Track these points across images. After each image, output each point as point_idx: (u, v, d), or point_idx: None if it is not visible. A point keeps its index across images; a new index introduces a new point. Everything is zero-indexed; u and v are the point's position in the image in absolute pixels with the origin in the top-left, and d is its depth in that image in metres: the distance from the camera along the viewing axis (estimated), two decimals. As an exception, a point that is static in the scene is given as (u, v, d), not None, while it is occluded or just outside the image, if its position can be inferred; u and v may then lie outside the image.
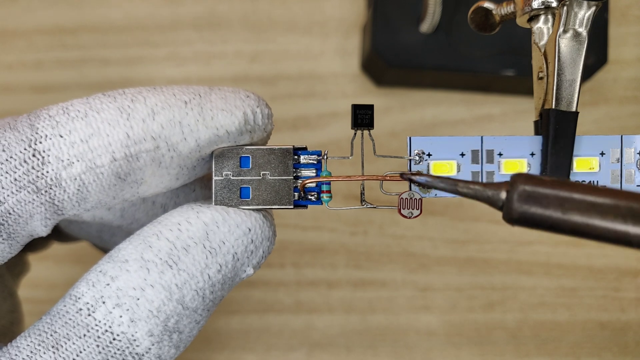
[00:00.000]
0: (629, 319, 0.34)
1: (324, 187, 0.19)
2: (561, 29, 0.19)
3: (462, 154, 0.19)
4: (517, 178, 0.15)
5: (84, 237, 0.23)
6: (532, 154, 0.19)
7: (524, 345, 0.34)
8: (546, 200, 0.14)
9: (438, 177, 0.16)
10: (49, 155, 0.16)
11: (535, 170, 0.19)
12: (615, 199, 0.14)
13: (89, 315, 0.16)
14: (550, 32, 0.19)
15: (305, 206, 0.19)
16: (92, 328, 0.16)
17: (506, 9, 0.21)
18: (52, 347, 0.16)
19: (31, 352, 0.16)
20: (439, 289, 0.34)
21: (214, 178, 0.18)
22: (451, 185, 0.15)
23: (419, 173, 0.16)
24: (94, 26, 0.36)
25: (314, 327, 0.34)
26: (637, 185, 0.19)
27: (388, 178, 0.18)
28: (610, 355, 0.34)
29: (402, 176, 0.17)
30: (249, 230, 0.18)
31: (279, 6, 0.36)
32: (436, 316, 0.34)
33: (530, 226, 0.14)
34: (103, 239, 0.22)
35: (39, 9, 0.36)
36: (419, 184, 0.16)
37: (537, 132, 0.19)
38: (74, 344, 0.16)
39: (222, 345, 0.34)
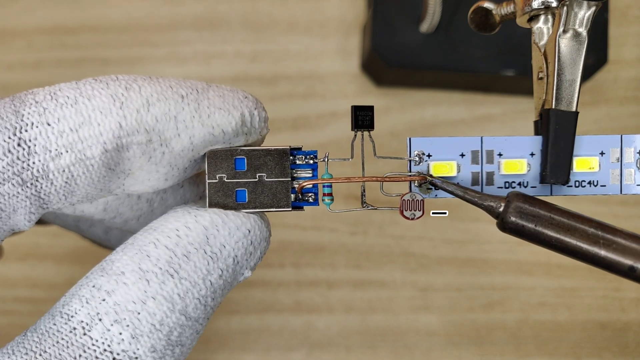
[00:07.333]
0: (630, 319, 0.34)
1: (325, 190, 0.18)
2: (561, 29, 0.19)
3: (462, 155, 0.19)
4: (513, 195, 0.18)
5: (59, 225, 0.22)
6: (532, 154, 0.19)
7: (524, 345, 0.34)
8: (533, 216, 0.17)
9: (449, 182, 0.18)
10: (35, 145, 0.15)
11: (535, 170, 0.19)
12: (590, 225, 0.17)
13: (85, 334, 0.15)
14: (550, 32, 0.19)
15: (302, 208, 0.18)
16: (88, 348, 0.15)
17: (506, 9, 0.21)
18: None
19: None
20: (439, 289, 0.34)
21: (208, 181, 0.18)
22: (461, 190, 0.18)
23: (433, 175, 0.19)
24: (94, 26, 0.36)
25: (314, 327, 0.34)
26: (637, 185, 0.19)
27: (387, 179, 0.18)
28: (611, 355, 0.34)
29: (423, 177, 0.19)
30: (249, 231, 0.17)
31: (279, 6, 0.36)
32: (436, 316, 0.34)
33: (518, 235, 0.18)
34: (80, 228, 0.22)
35: (38, 8, 0.36)
36: (434, 184, 0.18)
37: (537, 132, 0.19)
38: None
39: (221, 346, 0.34)
